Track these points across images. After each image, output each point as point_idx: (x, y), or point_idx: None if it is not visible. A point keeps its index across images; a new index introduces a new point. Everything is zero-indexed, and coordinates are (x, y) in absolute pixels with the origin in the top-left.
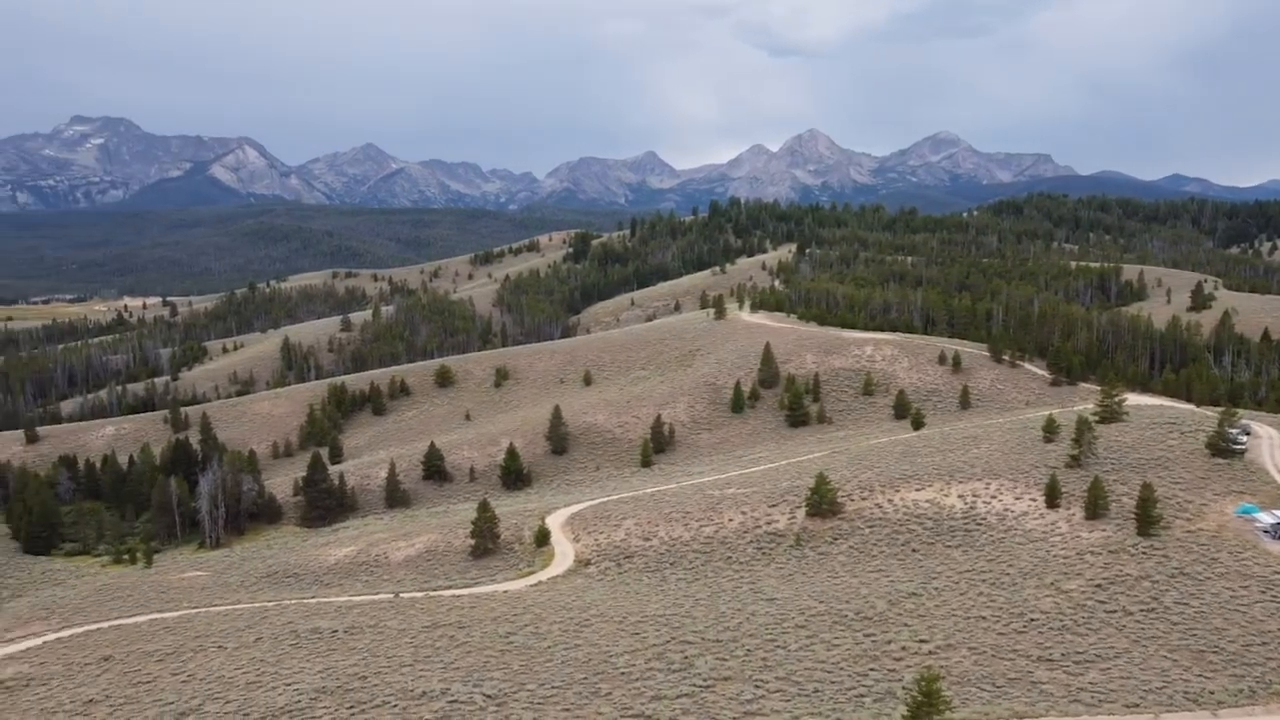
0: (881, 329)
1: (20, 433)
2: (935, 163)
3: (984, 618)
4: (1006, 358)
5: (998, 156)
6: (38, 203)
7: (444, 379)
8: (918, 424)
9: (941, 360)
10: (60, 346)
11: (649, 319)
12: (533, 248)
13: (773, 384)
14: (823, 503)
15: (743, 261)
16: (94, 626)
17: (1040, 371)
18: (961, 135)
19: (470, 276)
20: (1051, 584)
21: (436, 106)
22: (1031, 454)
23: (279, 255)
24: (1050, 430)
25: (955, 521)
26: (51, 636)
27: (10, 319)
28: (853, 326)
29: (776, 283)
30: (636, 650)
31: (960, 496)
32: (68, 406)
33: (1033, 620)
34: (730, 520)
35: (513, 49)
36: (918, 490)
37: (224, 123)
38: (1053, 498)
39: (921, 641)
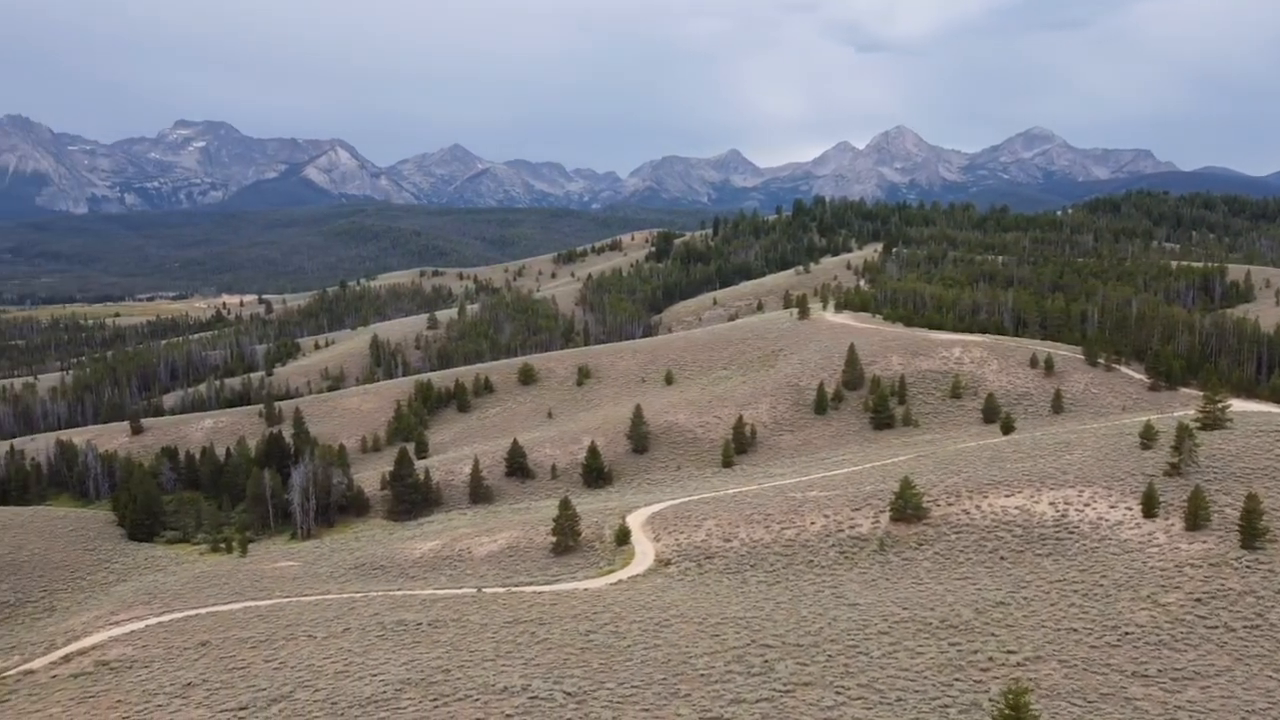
0: (970, 330)
1: (126, 424)
2: (1028, 159)
3: (1075, 630)
4: (1102, 361)
5: (1094, 153)
6: (143, 204)
7: (527, 377)
8: (1007, 428)
9: (1033, 363)
10: (163, 342)
11: (731, 318)
12: (615, 247)
13: (857, 385)
14: (908, 507)
15: (827, 261)
16: (192, 612)
17: (1138, 376)
18: (1056, 131)
19: (553, 275)
20: (1148, 597)
21: (522, 107)
22: (1128, 461)
23: (369, 254)
24: (1148, 437)
25: (1046, 529)
26: (153, 620)
27: (118, 315)
28: (940, 328)
29: (862, 282)
30: (716, 652)
31: (1051, 504)
32: (170, 400)
33: (1127, 634)
34: (812, 523)
35: (597, 49)
36: (1007, 496)
37: (318, 125)
38: (1150, 507)
39: (1009, 652)
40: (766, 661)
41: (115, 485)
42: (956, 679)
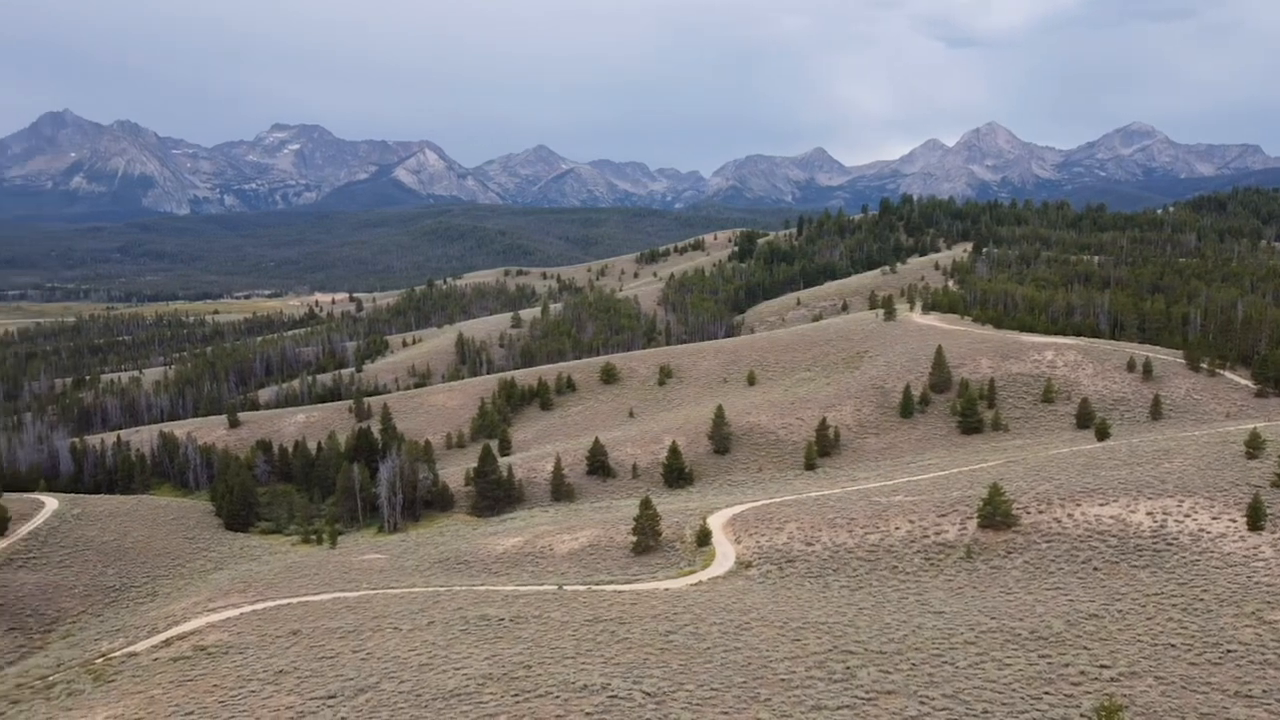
0: (1064, 333)
1: (224, 418)
2: (1127, 156)
3: (1173, 645)
4: (1205, 366)
5: (1198, 148)
6: (242, 205)
7: (609, 376)
8: (1102, 434)
9: (1130, 367)
10: (259, 339)
11: (815, 319)
12: (698, 246)
13: (944, 389)
14: (996, 514)
15: (914, 261)
16: (284, 601)
17: (1244, 381)
18: (1157, 126)
19: (635, 275)
20: (1253, 613)
21: (607, 108)
22: (1232, 471)
23: (455, 253)
24: (1255, 445)
25: (1143, 540)
26: (248, 608)
27: (217, 312)
28: (1032, 330)
29: (950, 283)
30: (797, 657)
31: (1149, 514)
32: (265, 394)
33: (1230, 651)
34: (897, 528)
35: (682, 48)
36: (1101, 505)
37: (407, 128)
38: (1256, 519)
39: (1102, 667)
40: (848, 668)
41: (213, 476)
42: (1046, 692)
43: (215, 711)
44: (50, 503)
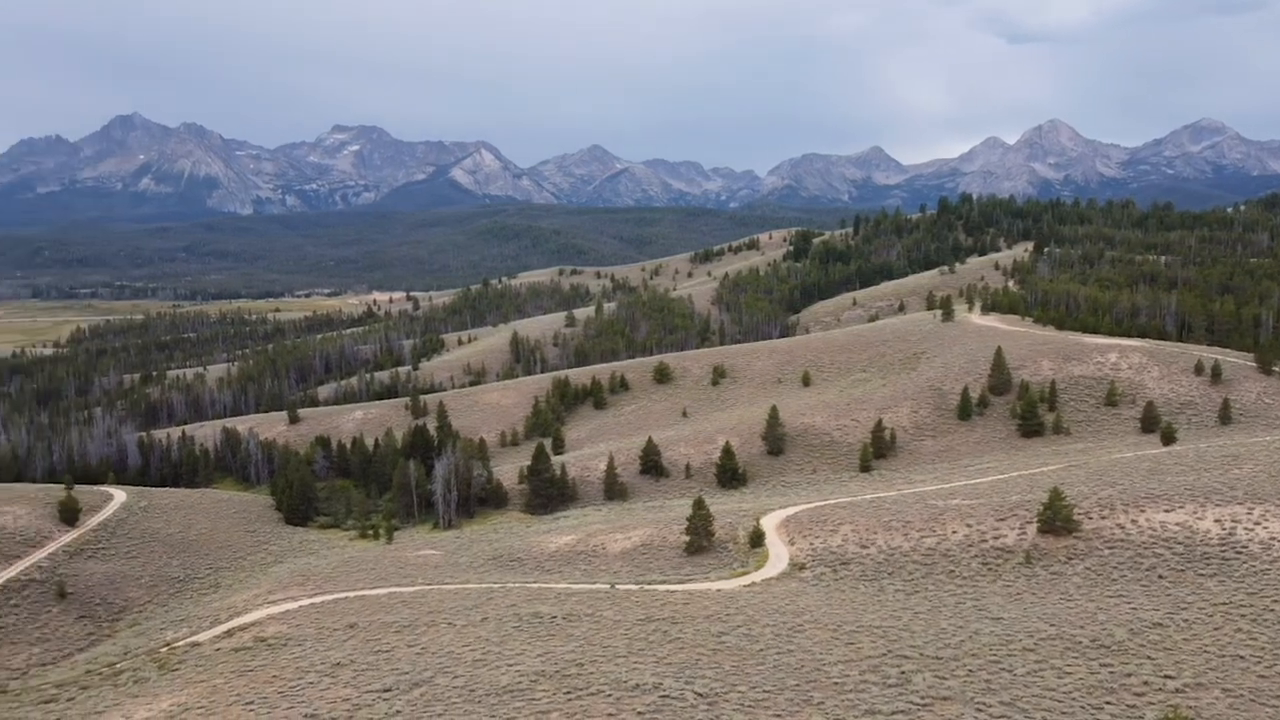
0: (1128, 334)
1: (284, 414)
2: (1195, 153)
3: (1242, 657)
4: (1277, 369)
5: (1271, 145)
6: (302, 205)
7: (662, 375)
8: (1168, 439)
9: (1198, 370)
10: (319, 336)
11: (871, 319)
12: (752, 246)
13: (1004, 391)
14: (1057, 519)
15: (973, 261)
16: (341, 595)
17: None
18: (1227, 122)
19: (689, 274)
20: None
21: (660, 107)
22: None
23: (510, 253)
24: None
25: (1210, 548)
26: (306, 601)
27: (278, 310)
28: (1095, 331)
29: (1010, 283)
30: (850, 660)
31: (1217, 521)
32: (324, 391)
33: None
34: (954, 532)
35: (737, 47)
36: (1166, 511)
37: (463, 128)
38: None
39: (1167, 677)
40: (903, 673)
41: (274, 471)
42: (1108, 702)
43: (275, 702)
44: (119, 495)
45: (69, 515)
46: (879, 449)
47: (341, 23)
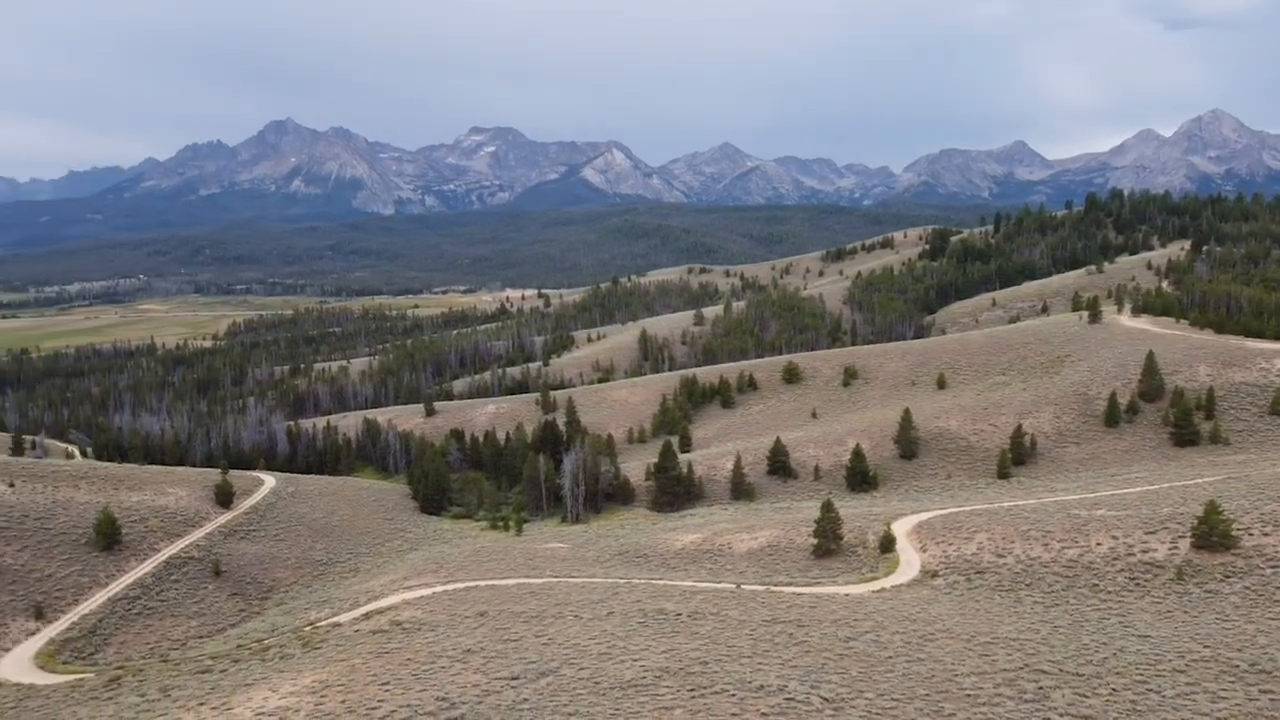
0: None
1: (421, 406)
2: None
3: None
4: None
5: None
6: (440, 205)
7: (791, 375)
8: None
9: None
10: (454, 332)
11: (1012, 321)
12: (886, 244)
13: (1155, 397)
14: (1213, 534)
15: (1123, 260)
16: (472, 584)
17: None
18: None
19: (820, 273)
20: None
21: (793, 104)
22: None
23: (640, 251)
24: None
25: None
26: (439, 588)
27: (416, 307)
28: (1260, 335)
29: (1164, 284)
30: (984, 673)
31: None
32: (458, 385)
33: None
34: (1098, 544)
35: (872, 41)
36: None
37: (595, 128)
38: None
39: None
40: (1041, 688)
41: (410, 462)
42: None
43: (409, 683)
44: (269, 480)
45: (224, 498)
46: (1018, 455)
47: (480, 27)
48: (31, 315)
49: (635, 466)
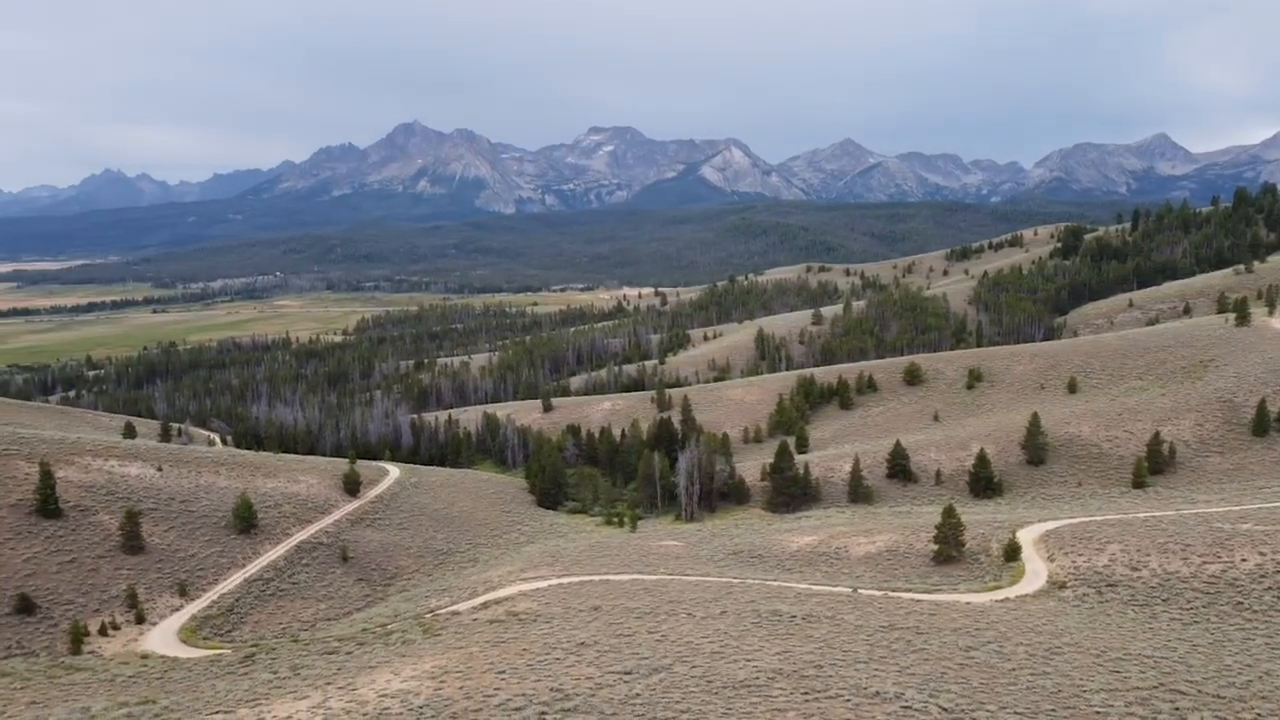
0: None
1: (539, 402)
2: None
3: None
4: None
5: None
6: (560, 204)
7: (913, 377)
8: None
9: None
10: (571, 329)
11: (1150, 323)
12: (1015, 242)
13: None
14: None
15: (1275, 259)
16: (587, 578)
17: None
18: None
19: (945, 272)
20: None
21: (917, 99)
22: None
23: (757, 249)
24: None
25: None
26: (555, 581)
27: (535, 304)
28: None
29: None
30: (1115, 690)
31: None
32: (575, 382)
33: None
34: (1244, 560)
35: (1003, 33)
36: None
37: (713, 126)
38: None
39: None
40: (1177, 709)
41: (528, 456)
42: None
43: (524, 673)
44: (393, 471)
45: (352, 487)
46: (1155, 464)
47: (600, 26)
48: (179, 310)
49: (750, 466)
